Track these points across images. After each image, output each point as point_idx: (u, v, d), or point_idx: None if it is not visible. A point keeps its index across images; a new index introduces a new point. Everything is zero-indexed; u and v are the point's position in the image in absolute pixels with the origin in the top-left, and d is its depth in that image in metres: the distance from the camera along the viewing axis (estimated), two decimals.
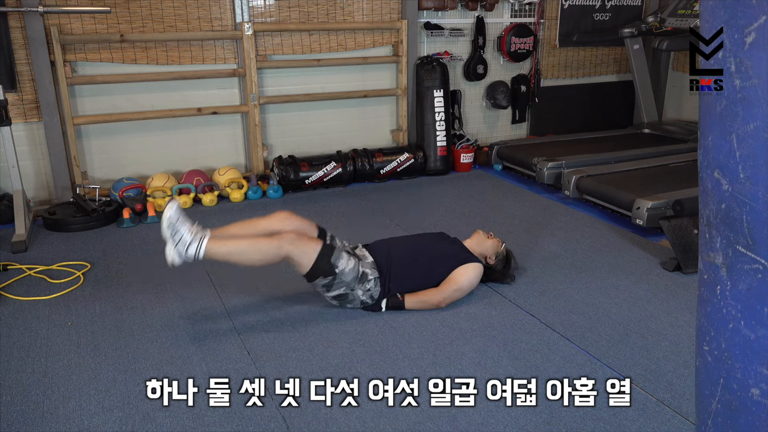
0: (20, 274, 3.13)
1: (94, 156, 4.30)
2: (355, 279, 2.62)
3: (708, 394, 1.09)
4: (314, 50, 4.73)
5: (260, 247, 2.50)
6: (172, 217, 2.42)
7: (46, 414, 2.05)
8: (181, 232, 2.42)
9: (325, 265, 2.56)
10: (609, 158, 4.67)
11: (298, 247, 2.52)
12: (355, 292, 2.64)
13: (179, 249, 2.42)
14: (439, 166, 5.01)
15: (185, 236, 2.43)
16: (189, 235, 2.43)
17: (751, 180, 0.93)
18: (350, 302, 2.68)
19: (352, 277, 2.61)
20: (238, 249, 2.49)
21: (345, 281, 2.60)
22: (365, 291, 2.65)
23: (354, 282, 2.62)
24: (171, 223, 2.41)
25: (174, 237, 2.42)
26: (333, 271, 2.57)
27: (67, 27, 4.00)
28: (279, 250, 2.50)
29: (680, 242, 3.15)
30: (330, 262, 2.56)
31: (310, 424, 1.98)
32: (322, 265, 2.55)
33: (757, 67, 0.89)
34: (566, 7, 5.58)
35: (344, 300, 2.66)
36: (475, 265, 2.80)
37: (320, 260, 2.54)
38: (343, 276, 2.59)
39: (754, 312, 0.98)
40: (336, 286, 2.61)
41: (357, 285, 2.63)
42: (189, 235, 2.43)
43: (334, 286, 2.61)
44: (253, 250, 2.49)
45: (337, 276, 2.58)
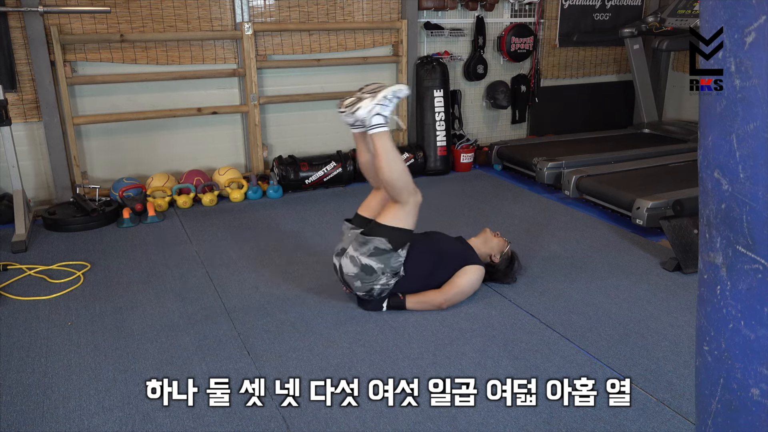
0: (20, 274, 3.13)
1: (94, 156, 4.30)
2: (393, 270, 2.61)
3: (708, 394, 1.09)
4: (314, 50, 4.73)
5: (408, 175, 2.60)
6: (402, 92, 2.59)
7: (46, 414, 2.05)
8: (388, 107, 2.55)
9: (400, 239, 2.58)
10: (609, 158, 4.67)
11: (414, 209, 2.61)
12: (380, 278, 2.61)
13: (376, 108, 2.53)
14: (439, 166, 5.01)
15: (386, 110, 2.55)
16: (388, 113, 2.56)
17: (751, 180, 0.93)
18: (366, 280, 2.61)
19: (395, 266, 2.61)
20: (398, 156, 2.58)
21: (389, 264, 2.59)
22: (386, 283, 2.63)
23: (390, 271, 2.61)
24: (396, 95, 2.56)
25: (383, 101, 2.53)
26: (396, 249, 2.58)
27: (67, 27, 4.00)
28: (409, 194, 2.59)
29: (680, 242, 3.15)
30: (404, 242, 2.59)
31: (310, 424, 1.98)
32: (400, 237, 2.58)
33: (757, 67, 0.89)
34: (566, 7, 5.58)
35: (366, 274, 2.59)
36: (477, 268, 2.80)
37: (405, 233, 2.59)
38: (392, 260, 2.59)
39: (754, 312, 0.98)
40: (380, 258, 2.57)
41: (388, 274, 2.61)
42: (388, 113, 2.56)
43: (380, 257, 2.57)
44: (404, 169, 2.59)
45: (392, 255, 2.58)
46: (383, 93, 2.55)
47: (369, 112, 2.53)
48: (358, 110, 2.54)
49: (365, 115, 2.53)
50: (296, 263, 3.26)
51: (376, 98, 2.54)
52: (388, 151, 2.56)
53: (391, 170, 2.55)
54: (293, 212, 4.15)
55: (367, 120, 2.54)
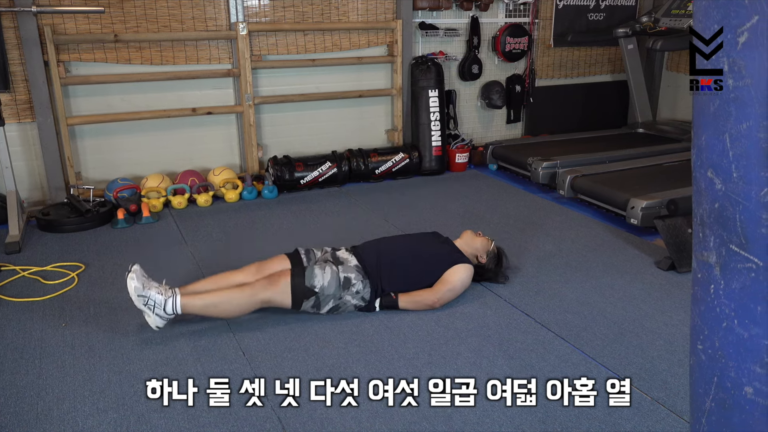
0: (14, 275, 3.12)
1: (88, 156, 4.28)
2: (338, 288, 2.61)
3: (702, 392, 1.10)
4: (309, 50, 4.73)
5: (233, 298, 2.52)
6: (137, 287, 2.42)
7: (41, 415, 2.04)
8: (153, 297, 2.43)
9: (303, 290, 2.56)
10: (603, 158, 4.68)
11: (270, 289, 2.54)
12: (345, 300, 2.63)
13: (158, 312, 2.44)
14: (434, 166, 5.02)
15: (158, 298, 2.44)
16: (160, 296, 2.44)
17: (744, 179, 0.93)
18: (344, 310, 2.67)
19: (335, 287, 2.60)
20: (213, 302, 2.51)
21: (329, 294, 2.59)
22: (354, 295, 2.64)
23: (339, 291, 2.61)
24: (138, 293, 2.42)
25: (147, 305, 2.43)
26: (313, 292, 2.57)
27: (61, 27, 3.98)
28: (253, 298, 2.53)
29: (674, 241, 3.16)
30: (306, 285, 2.57)
31: (306, 424, 1.98)
32: (300, 292, 2.56)
33: (750, 66, 0.90)
34: (561, 7, 5.59)
35: (338, 310, 2.65)
36: (465, 266, 2.80)
37: (296, 289, 2.56)
38: (325, 291, 2.59)
39: (747, 311, 0.98)
40: (324, 303, 2.60)
41: (343, 292, 2.62)
42: (161, 296, 2.44)
43: (322, 303, 2.60)
44: (227, 301, 2.51)
45: (320, 293, 2.58)
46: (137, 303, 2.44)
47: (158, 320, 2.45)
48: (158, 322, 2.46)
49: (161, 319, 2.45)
50: None
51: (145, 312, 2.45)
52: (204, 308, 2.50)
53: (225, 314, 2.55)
54: (288, 212, 4.14)
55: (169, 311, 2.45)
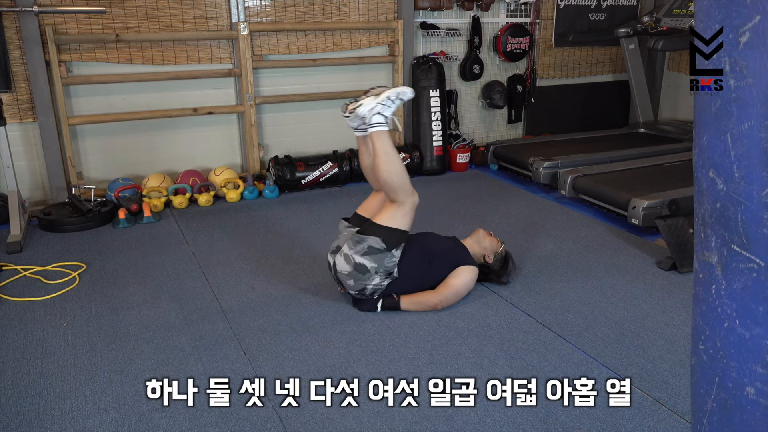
0: (15, 274, 3.12)
1: (90, 156, 4.28)
2: (387, 271, 2.62)
3: (703, 392, 1.10)
4: (310, 50, 4.73)
5: (405, 175, 2.62)
6: (406, 94, 2.59)
7: (42, 415, 2.04)
8: (390, 108, 2.58)
9: (395, 239, 2.59)
10: (605, 158, 4.68)
11: (411, 210, 2.62)
12: (374, 278, 2.61)
13: (377, 107, 2.54)
14: (436, 165, 5.02)
15: (387, 111, 2.58)
16: (389, 113, 2.58)
17: (746, 179, 0.93)
18: (359, 279, 2.61)
19: (389, 266, 2.61)
20: (396, 157, 2.60)
21: (383, 263, 2.59)
22: (378, 283, 2.63)
23: (383, 271, 2.61)
24: (399, 97, 2.57)
25: (387, 101, 2.55)
26: (391, 249, 2.58)
27: (62, 27, 3.99)
28: (407, 195, 2.60)
29: (676, 241, 3.16)
30: (399, 243, 2.60)
31: (306, 424, 1.98)
32: (395, 237, 2.59)
33: (751, 66, 0.89)
34: (562, 7, 5.59)
35: (359, 273, 2.59)
36: (470, 268, 2.80)
37: (400, 234, 2.60)
38: (386, 260, 2.59)
39: (748, 311, 0.98)
40: (374, 258, 2.57)
41: (382, 274, 2.61)
42: (389, 114, 2.58)
43: (374, 256, 2.57)
44: (402, 169, 2.61)
45: (386, 255, 2.58)
46: (387, 93, 2.57)
47: (370, 111, 2.56)
48: (359, 107, 2.56)
49: (366, 113, 2.56)
50: (293, 263, 3.26)
51: (379, 98, 2.57)
52: (387, 151, 2.58)
53: (389, 170, 2.56)
54: (289, 212, 4.15)
55: (368, 118, 2.57)
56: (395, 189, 2.58)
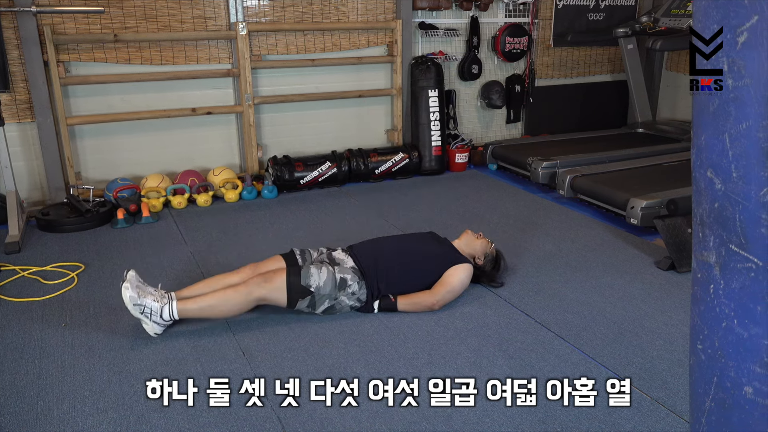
0: (14, 275, 3.12)
1: (88, 156, 4.28)
2: (334, 288, 2.60)
3: (702, 392, 1.10)
4: (309, 50, 4.73)
5: (229, 297, 2.51)
6: (132, 296, 2.42)
7: (40, 415, 2.04)
8: (149, 305, 2.44)
9: (298, 289, 2.56)
10: (603, 158, 4.68)
11: (265, 286, 2.53)
12: (340, 300, 2.63)
13: (155, 320, 2.45)
14: (434, 165, 5.02)
15: (154, 306, 2.44)
16: (156, 303, 2.45)
17: (744, 179, 0.93)
18: (340, 310, 2.66)
19: (330, 287, 2.60)
20: (209, 304, 2.51)
21: (325, 294, 2.59)
22: (350, 296, 2.64)
23: (334, 291, 2.60)
24: (134, 302, 2.42)
25: (144, 313, 2.44)
26: (309, 291, 2.57)
27: (61, 27, 3.98)
28: (249, 296, 2.52)
29: (674, 241, 3.16)
30: (301, 284, 2.56)
31: (305, 424, 1.98)
32: (296, 290, 2.55)
33: (749, 66, 0.90)
34: (560, 7, 5.59)
35: (333, 310, 2.65)
36: (465, 266, 2.80)
37: (291, 287, 2.55)
38: (320, 291, 2.58)
39: (747, 310, 0.98)
40: (319, 302, 2.60)
41: (339, 293, 2.61)
42: (157, 303, 2.45)
43: (317, 302, 2.60)
44: (223, 301, 2.51)
45: (315, 293, 2.57)
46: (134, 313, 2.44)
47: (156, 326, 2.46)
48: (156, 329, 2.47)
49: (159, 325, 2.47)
50: None
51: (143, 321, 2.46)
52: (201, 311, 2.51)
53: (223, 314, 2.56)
54: (288, 212, 4.14)
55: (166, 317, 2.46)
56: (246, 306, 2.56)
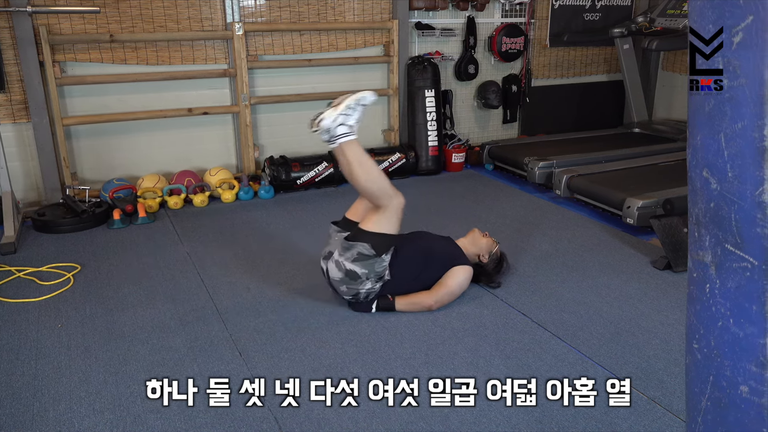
0: (9, 276, 3.11)
1: (84, 157, 4.27)
2: (378, 275, 2.61)
3: (698, 391, 1.10)
4: (305, 50, 4.72)
5: (383, 180, 2.57)
6: (366, 99, 2.50)
7: (36, 417, 2.03)
8: (353, 116, 2.49)
9: (384, 244, 2.56)
10: (599, 158, 4.69)
11: (396, 212, 2.57)
12: (365, 283, 2.61)
13: (340, 118, 2.47)
14: (431, 165, 5.02)
15: (351, 120, 2.48)
16: (354, 122, 2.50)
17: (739, 179, 0.93)
18: (351, 285, 2.61)
19: (379, 270, 2.60)
20: (369, 164, 2.55)
21: (373, 269, 2.58)
22: (371, 287, 2.63)
23: (374, 276, 2.60)
24: (360, 102, 2.48)
25: (348, 109, 2.47)
26: (380, 254, 2.56)
27: (56, 27, 3.97)
28: (389, 198, 2.55)
29: (670, 241, 3.17)
30: (388, 247, 2.58)
31: (302, 424, 1.98)
32: (383, 242, 2.56)
33: (744, 66, 0.90)
34: (557, 7, 5.60)
35: (351, 279, 2.60)
36: (465, 268, 2.80)
37: (388, 238, 2.57)
38: (376, 264, 2.57)
39: (742, 310, 0.99)
40: (364, 264, 2.57)
41: (373, 279, 2.61)
42: (353, 122, 2.50)
43: (364, 262, 2.57)
44: (378, 175, 2.56)
45: (376, 261, 2.57)
46: (346, 102, 2.49)
47: (333, 122, 2.48)
48: (321, 121, 2.49)
49: (330, 125, 2.48)
50: (288, 264, 3.26)
51: (339, 108, 2.49)
52: (360, 160, 2.53)
53: (365, 178, 2.53)
54: (285, 213, 4.14)
55: (332, 130, 2.49)
56: (375, 195, 2.56)
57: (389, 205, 2.56)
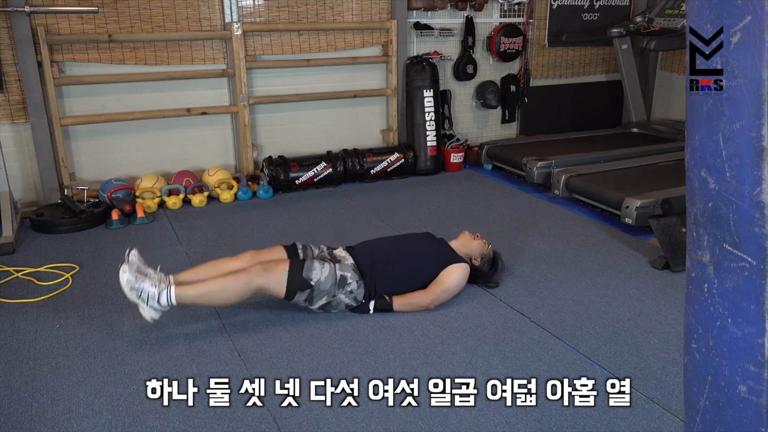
0: (8, 276, 3.11)
1: (82, 157, 4.27)
2: (334, 285, 2.60)
3: (696, 391, 1.10)
4: (304, 50, 4.72)
5: (228, 285, 2.48)
6: (130, 279, 2.39)
7: (35, 417, 2.03)
8: (146, 289, 2.40)
9: (299, 281, 2.54)
10: (598, 157, 4.69)
11: (266, 276, 2.51)
12: (338, 298, 2.62)
13: (152, 305, 2.41)
14: (430, 166, 5.02)
15: (151, 291, 2.40)
16: (154, 288, 2.41)
17: (737, 179, 0.94)
18: (335, 308, 2.66)
19: (330, 283, 2.59)
20: (207, 290, 2.48)
21: (324, 290, 2.58)
22: (348, 294, 2.64)
23: (334, 288, 2.60)
24: (131, 286, 2.39)
25: (141, 297, 2.40)
26: (309, 284, 2.56)
27: (54, 27, 3.97)
28: (248, 285, 2.49)
29: (669, 241, 3.17)
30: (302, 276, 2.55)
31: (301, 425, 1.97)
32: (296, 282, 2.54)
33: (742, 66, 0.90)
34: (555, 7, 5.61)
35: (329, 307, 2.65)
36: (461, 266, 2.80)
37: (292, 278, 2.53)
38: (320, 286, 2.57)
39: (740, 310, 0.99)
40: (317, 297, 2.59)
41: (337, 290, 2.61)
42: (154, 288, 2.41)
43: (315, 297, 2.59)
44: (221, 289, 2.48)
45: (315, 287, 2.57)
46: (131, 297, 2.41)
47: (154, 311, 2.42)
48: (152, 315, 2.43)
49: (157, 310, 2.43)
50: None
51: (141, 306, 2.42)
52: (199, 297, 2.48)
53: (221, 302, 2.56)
54: (283, 213, 4.14)
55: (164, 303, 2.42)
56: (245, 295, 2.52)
57: (258, 284, 2.50)
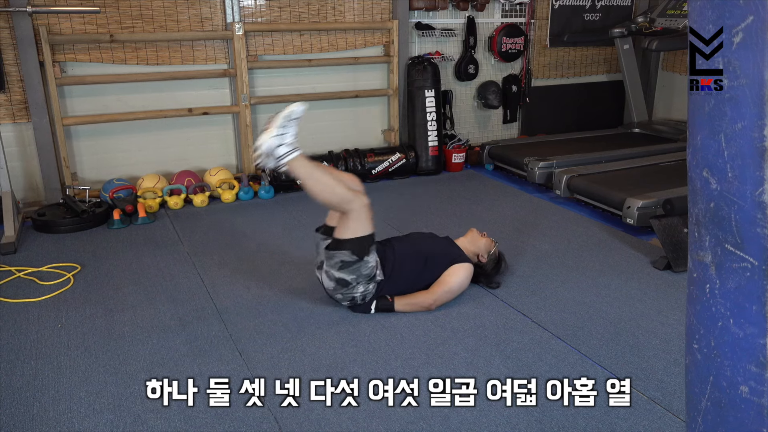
0: (9, 276, 3.11)
1: (84, 157, 4.27)
2: (367, 276, 2.61)
3: (698, 391, 1.10)
4: (305, 50, 4.72)
5: (337, 188, 2.51)
6: (296, 113, 2.45)
7: (36, 417, 2.03)
8: (288, 133, 2.45)
9: (362, 247, 2.55)
10: (600, 158, 4.69)
11: (363, 213, 2.53)
12: (357, 287, 2.61)
13: (274, 141, 2.43)
14: (431, 166, 5.02)
15: (287, 138, 2.44)
16: (291, 138, 2.45)
17: (739, 179, 0.93)
18: (345, 292, 2.63)
19: (367, 272, 2.60)
20: (320, 177, 2.50)
21: (361, 273, 2.58)
22: (365, 290, 2.63)
23: (364, 278, 2.60)
24: (290, 118, 2.45)
25: (280, 129, 2.43)
26: (362, 257, 2.56)
27: (56, 27, 3.97)
28: (349, 203, 2.50)
29: (670, 241, 3.17)
30: (367, 248, 2.56)
31: (302, 425, 1.97)
32: (362, 245, 2.54)
33: (744, 66, 0.90)
34: (557, 7, 5.60)
35: (342, 286, 2.61)
36: (465, 266, 2.80)
37: (365, 240, 2.54)
38: (362, 268, 2.57)
39: (742, 310, 0.98)
40: (350, 270, 2.57)
41: (364, 282, 2.61)
42: (290, 139, 2.45)
43: (350, 268, 2.57)
44: (331, 185, 2.51)
45: (361, 264, 2.56)
46: (276, 122, 2.46)
47: (270, 146, 2.44)
48: (259, 149, 2.45)
49: (268, 150, 2.44)
50: (288, 264, 3.26)
51: (271, 130, 2.45)
52: (309, 174, 2.49)
53: (319, 191, 2.51)
54: (285, 213, 4.14)
55: (273, 153, 2.45)
56: (336, 204, 2.54)
57: (353, 209, 2.52)
